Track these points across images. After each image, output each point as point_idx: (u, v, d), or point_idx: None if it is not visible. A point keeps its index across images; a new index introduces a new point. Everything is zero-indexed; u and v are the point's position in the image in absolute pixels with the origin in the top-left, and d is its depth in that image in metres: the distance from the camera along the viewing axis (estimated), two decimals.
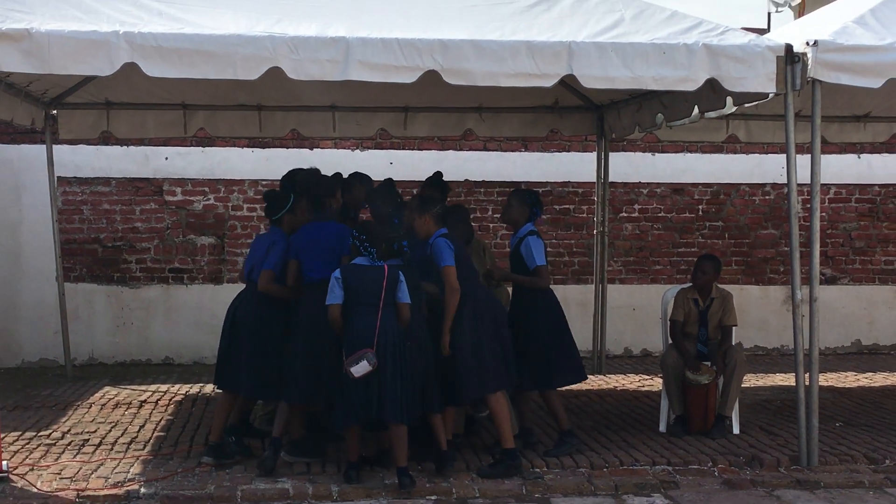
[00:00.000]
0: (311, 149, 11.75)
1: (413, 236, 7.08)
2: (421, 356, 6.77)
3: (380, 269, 6.66)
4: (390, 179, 8.40)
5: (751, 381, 10.31)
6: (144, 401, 9.57)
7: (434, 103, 10.22)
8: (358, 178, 8.34)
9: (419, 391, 6.74)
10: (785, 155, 7.22)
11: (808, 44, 6.91)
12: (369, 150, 11.97)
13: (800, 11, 13.42)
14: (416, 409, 6.71)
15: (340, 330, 6.72)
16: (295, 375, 6.99)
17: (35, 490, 6.58)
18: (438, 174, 8.38)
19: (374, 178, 11.79)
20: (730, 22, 7.61)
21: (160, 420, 8.73)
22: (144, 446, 7.77)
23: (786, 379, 10.49)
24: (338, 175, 8.05)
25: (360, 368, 6.49)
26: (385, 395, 6.56)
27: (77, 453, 7.56)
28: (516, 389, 7.56)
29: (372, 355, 6.49)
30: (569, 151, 12.24)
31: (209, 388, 9.94)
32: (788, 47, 6.95)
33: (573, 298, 11.75)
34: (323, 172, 8.21)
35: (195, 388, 10.18)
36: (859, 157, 12.66)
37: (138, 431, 8.29)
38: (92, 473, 6.98)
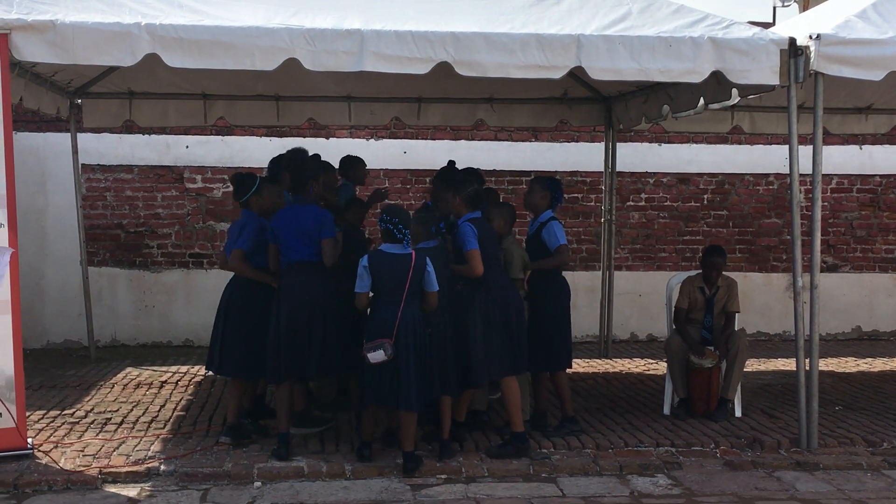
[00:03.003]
0: (327, 138, 11.88)
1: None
2: (440, 343, 6.84)
3: (407, 257, 6.70)
4: (451, 161, 8.33)
5: (753, 365, 10.41)
6: (165, 381, 9.70)
7: (447, 94, 10.31)
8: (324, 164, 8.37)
9: (435, 376, 6.81)
10: (788, 146, 7.26)
11: (810, 37, 6.96)
12: (384, 140, 12.09)
13: (804, 5, 13.49)
14: (429, 395, 6.80)
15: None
16: (277, 356, 7.00)
17: (59, 466, 6.72)
18: (452, 163, 8.44)
19: (388, 165, 12.06)
20: (736, 16, 7.63)
21: (180, 400, 8.85)
22: (165, 425, 7.90)
23: (787, 364, 10.58)
24: (317, 157, 8.05)
25: (377, 356, 6.59)
26: (400, 384, 6.66)
27: (99, 431, 7.70)
28: (533, 372, 7.69)
29: (389, 346, 6.58)
30: (577, 142, 12.33)
31: None
32: (792, 41, 7.01)
33: (581, 285, 11.86)
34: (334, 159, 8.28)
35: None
36: (861, 149, 12.74)
37: (159, 411, 8.42)
38: (114, 451, 7.12)
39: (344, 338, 7.18)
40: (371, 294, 6.83)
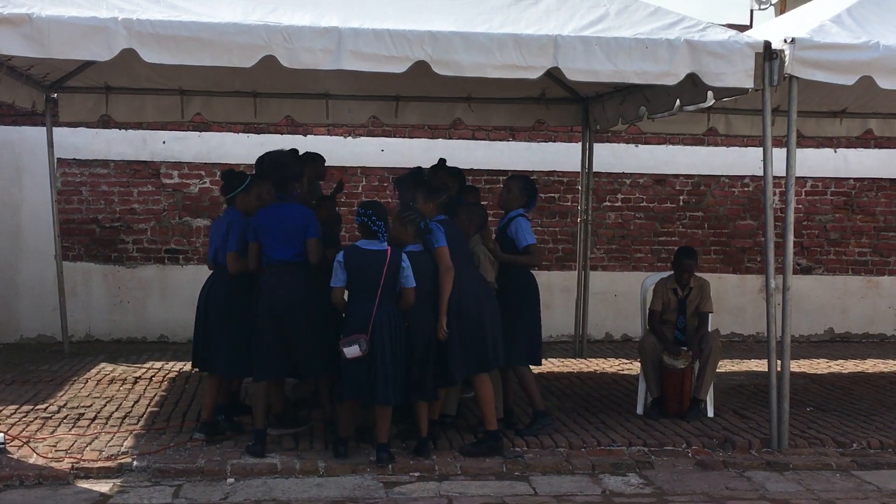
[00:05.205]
0: (305, 135, 11.85)
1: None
2: (419, 343, 6.85)
3: (382, 253, 6.74)
4: (419, 168, 8.35)
5: (726, 366, 10.48)
6: (139, 377, 9.68)
7: (424, 93, 10.31)
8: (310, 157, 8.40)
9: (413, 376, 6.83)
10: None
11: (785, 41, 7.00)
12: (361, 137, 12.08)
13: (781, 9, 13.56)
14: (404, 391, 6.82)
15: (344, 310, 6.87)
16: (262, 354, 7.04)
17: (31, 461, 6.70)
18: (443, 161, 8.44)
19: (365, 163, 12.07)
20: (715, 18, 7.65)
21: (154, 396, 8.84)
22: (138, 421, 7.89)
23: (760, 365, 10.57)
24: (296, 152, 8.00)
25: (352, 351, 6.63)
26: (376, 378, 6.70)
27: (72, 427, 7.68)
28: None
29: (364, 341, 6.62)
30: (555, 142, 12.35)
31: None
32: (767, 44, 7.04)
33: (557, 284, 11.91)
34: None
35: (189, 366, 9.98)
36: (835, 152, 12.81)
37: (132, 406, 8.40)
38: (86, 446, 7.10)
39: (328, 338, 7.10)
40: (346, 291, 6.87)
